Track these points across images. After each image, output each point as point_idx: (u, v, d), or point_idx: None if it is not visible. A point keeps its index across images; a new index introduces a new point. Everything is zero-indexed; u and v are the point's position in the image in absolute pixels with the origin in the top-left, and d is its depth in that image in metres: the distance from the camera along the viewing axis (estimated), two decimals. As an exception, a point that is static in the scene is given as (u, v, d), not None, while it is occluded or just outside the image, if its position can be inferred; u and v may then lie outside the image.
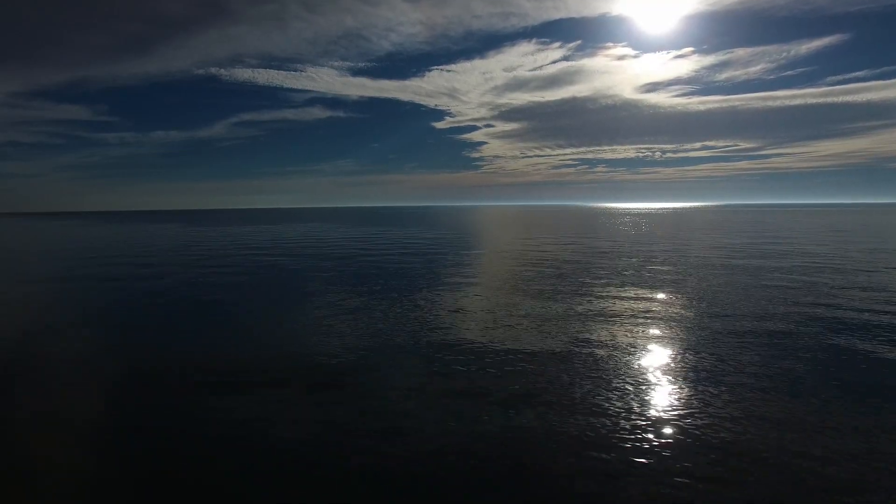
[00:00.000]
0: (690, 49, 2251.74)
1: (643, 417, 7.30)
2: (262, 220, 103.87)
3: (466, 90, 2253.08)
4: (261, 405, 8.01)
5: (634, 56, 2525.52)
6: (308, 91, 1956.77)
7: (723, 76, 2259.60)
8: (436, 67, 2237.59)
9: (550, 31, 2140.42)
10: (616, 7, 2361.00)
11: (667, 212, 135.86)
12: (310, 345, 11.22)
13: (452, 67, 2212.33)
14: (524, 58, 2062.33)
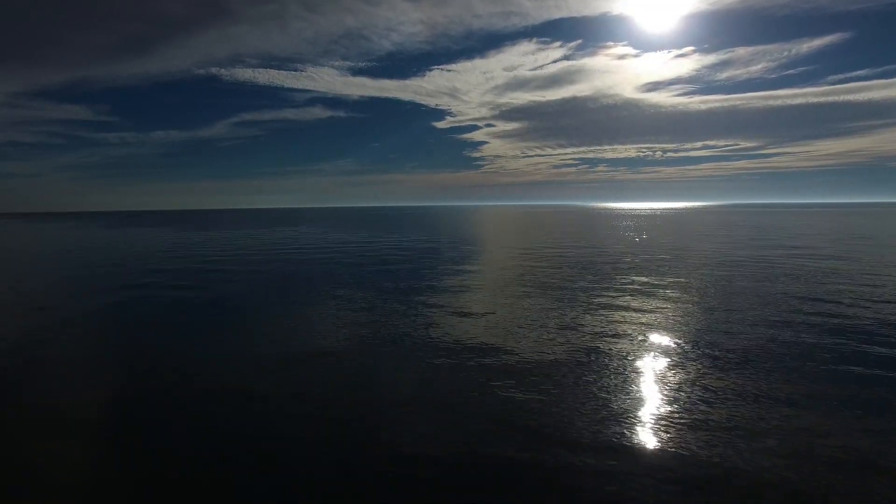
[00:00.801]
0: (691, 48, 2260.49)
1: (644, 417, 7.39)
2: (254, 224, 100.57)
3: (467, 90, 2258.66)
4: (261, 406, 8.14)
5: (635, 55, 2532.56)
6: (308, 91, 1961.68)
7: (724, 75, 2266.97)
8: (436, 67, 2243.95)
9: (551, 31, 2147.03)
10: (617, 6, 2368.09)
11: (669, 212, 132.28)
12: (308, 344, 11.49)
13: (453, 67, 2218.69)
14: (525, 57, 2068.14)
